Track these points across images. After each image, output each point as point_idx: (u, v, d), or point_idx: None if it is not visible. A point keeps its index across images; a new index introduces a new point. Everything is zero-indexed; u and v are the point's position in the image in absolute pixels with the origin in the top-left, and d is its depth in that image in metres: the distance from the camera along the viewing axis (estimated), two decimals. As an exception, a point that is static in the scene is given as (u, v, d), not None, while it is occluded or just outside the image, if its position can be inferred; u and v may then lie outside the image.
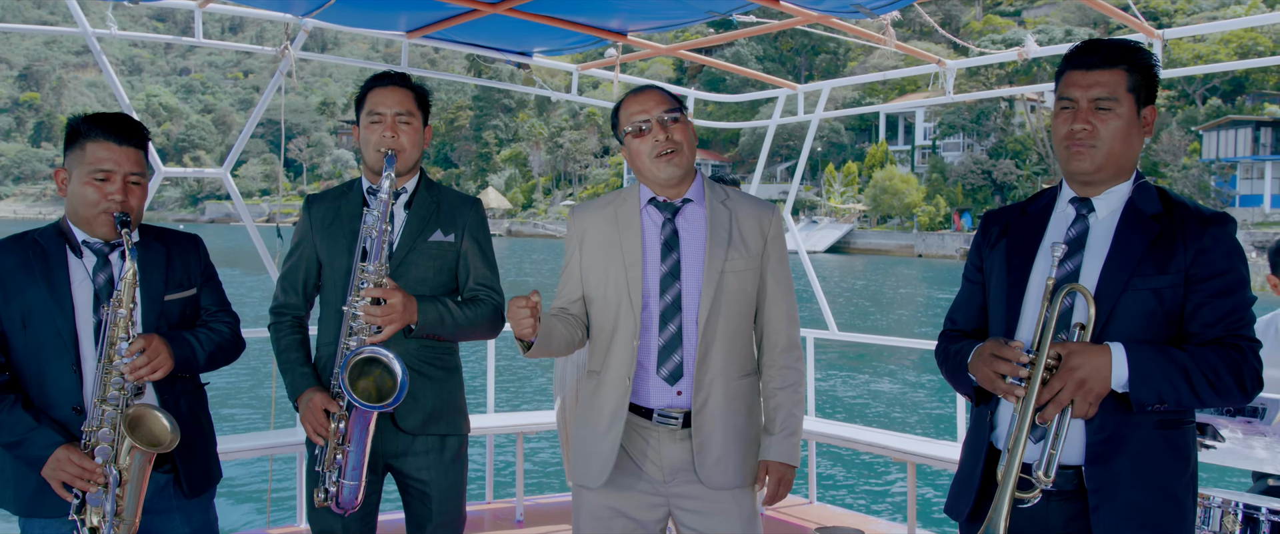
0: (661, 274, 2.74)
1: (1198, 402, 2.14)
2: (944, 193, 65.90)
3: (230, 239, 73.75)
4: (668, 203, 2.81)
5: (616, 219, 2.83)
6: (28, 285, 2.66)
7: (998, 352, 2.20)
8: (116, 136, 2.70)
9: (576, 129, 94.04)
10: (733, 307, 2.76)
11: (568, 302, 2.88)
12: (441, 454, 3.02)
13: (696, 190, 2.85)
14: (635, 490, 2.77)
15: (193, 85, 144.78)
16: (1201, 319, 2.18)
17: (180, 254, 2.89)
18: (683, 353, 2.72)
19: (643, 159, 2.77)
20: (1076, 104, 2.28)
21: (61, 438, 2.59)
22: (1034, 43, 4.67)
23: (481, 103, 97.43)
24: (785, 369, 2.83)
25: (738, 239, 2.78)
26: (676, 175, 2.77)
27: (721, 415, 2.74)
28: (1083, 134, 2.26)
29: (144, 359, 2.59)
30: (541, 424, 5.48)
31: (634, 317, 2.72)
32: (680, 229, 2.79)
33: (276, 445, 4.92)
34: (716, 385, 2.74)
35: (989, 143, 66.28)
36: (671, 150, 2.74)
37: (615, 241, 2.79)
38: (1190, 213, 2.24)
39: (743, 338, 2.81)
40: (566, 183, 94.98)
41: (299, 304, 3.09)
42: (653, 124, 2.75)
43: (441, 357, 3.04)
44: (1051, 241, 2.30)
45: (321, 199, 3.10)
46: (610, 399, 2.75)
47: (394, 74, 3.08)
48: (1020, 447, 2.13)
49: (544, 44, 5.40)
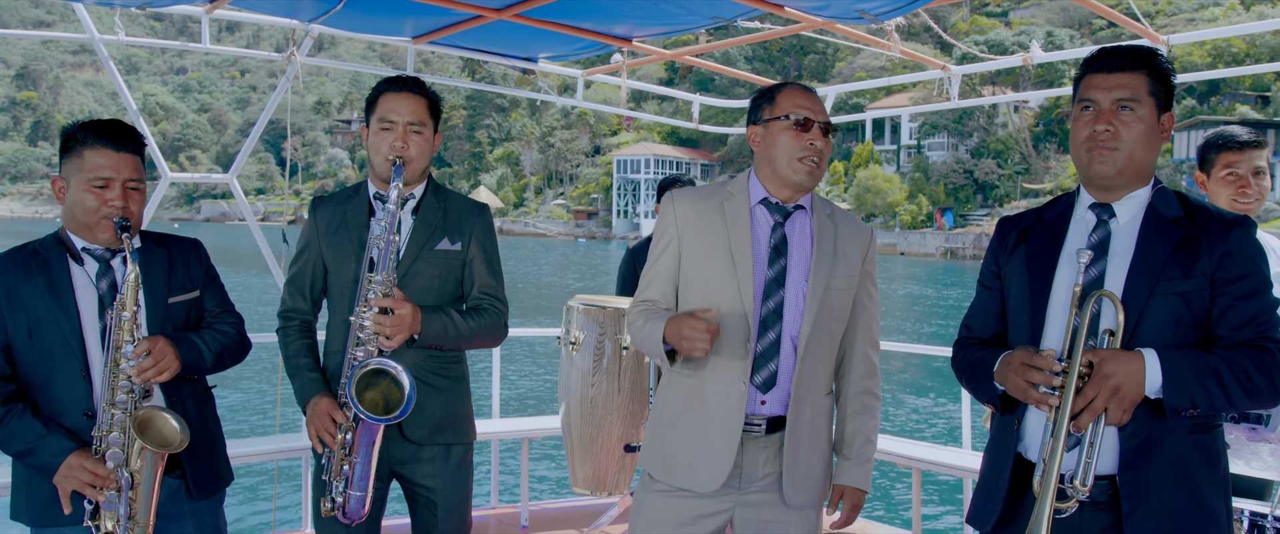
0: (768, 279, 2.59)
1: (1230, 405, 2.09)
2: (926, 192, 66.09)
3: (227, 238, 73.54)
4: (780, 206, 2.65)
5: (724, 212, 2.63)
6: (31, 295, 2.61)
7: (1029, 361, 2.13)
8: (114, 143, 2.63)
9: (568, 129, 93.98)
10: (833, 323, 2.64)
11: (661, 294, 2.70)
12: (447, 462, 2.96)
13: (807, 200, 2.69)
14: (705, 496, 2.62)
15: (190, 84, 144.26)
16: (1229, 322, 2.14)
17: (181, 257, 2.82)
18: (779, 363, 2.58)
19: (783, 153, 2.59)
20: (1098, 105, 2.22)
21: (72, 444, 2.54)
22: (1038, 48, 4.60)
23: (475, 102, 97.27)
24: (866, 394, 2.73)
25: (841, 255, 2.65)
26: (809, 185, 2.62)
27: (809, 432, 2.63)
28: (1105, 135, 2.20)
29: (150, 361, 2.53)
30: (547, 429, 5.40)
31: (746, 320, 2.55)
32: (788, 236, 2.64)
33: (282, 450, 4.84)
34: (808, 400, 2.62)
35: (972, 142, 66.46)
36: (817, 161, 2.60)
37: (722, 236, 2.61)
38: (1212, 216, 2.19)
39: (832, 356, 2.70)
40: (557, 182, 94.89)
41: (307, 309, 3.00)
42: (815, 127, 2.60)
43: (448, 366, 2.97)
44: (1074, 248, 2.25)
45: (327, 203, 3.01)
46: (721, 408, 2.58)
47: (407, 79, 2.97)
48: (1057, 457, 2.07)
49: (549, 49, 5.34)
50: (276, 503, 5.87)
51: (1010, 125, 65.19)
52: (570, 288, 35.82)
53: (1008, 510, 2.28)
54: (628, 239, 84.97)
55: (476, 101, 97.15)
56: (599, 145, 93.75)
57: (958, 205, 65.65)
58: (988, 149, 65.52)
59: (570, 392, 4.89)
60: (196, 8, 4.47)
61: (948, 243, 62.41)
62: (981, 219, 63.79)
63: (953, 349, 2.51)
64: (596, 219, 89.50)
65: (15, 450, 2.58)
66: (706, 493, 2.60)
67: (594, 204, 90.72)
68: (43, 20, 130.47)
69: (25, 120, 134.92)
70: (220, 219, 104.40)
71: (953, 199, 65.89)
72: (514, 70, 5.65)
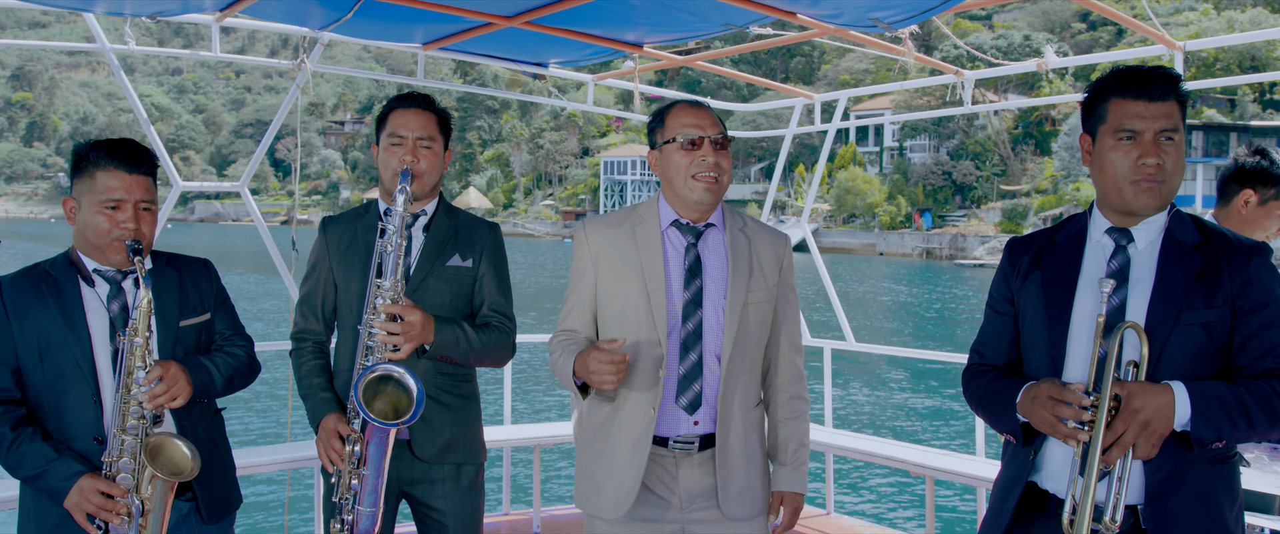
0: (685, 301, 2.56)
1: (1254, 436, 2.04)
2: (905, 193, 66.23)
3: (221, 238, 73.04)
4: (691, 226, 2.62)
5: (635, 238, 2.60)
6: (43, 318, 2.54)
7: (1057, 395, 2.04)
8: (127, 164, 2.56)
9: (557, 130, 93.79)
10: (754, 336, 2.62)
11: (580, 324, 2.67)
12: (458, 482, 2.88)
13: (718, 216, 2.66)
14: (651, 520, 2.59)
15: (185, 85, 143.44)
16: (1251, 351, 2.08)
17: (192, 279, 2.77)
18: (703, 383, 2.55)
19: (680, 174, 2.56)
20: (1141, 136, 2.12)
21: (82, 468, 2.47)
22: (1053, 53, 4.49)
23: (466, 104, 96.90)
24: (794, 399, 2.71)
25: (757, 269, 2.62)
26: (710, 201, 2.58)
27: (741, 447, 2.60)
28: (1154, 169, 2.11)
29: (162, 387, 2.46)
30: (559, 436, 5.29)
31: (660, 344, 2.52)
32: (702, 255, 2.60)
33: (294, 460, 4.70)
34: (737, 417, 2.60)
35: (952, 144, 66.60)
36: (715, 176, 2.56)
37: (635, 263, 2.58)
38: (1230, 243, 2.14)
39: (758, 368, 2.68)
40: (546, 183, 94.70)
41: (319, 329, 2.95)
42: (705, 143, 2.56)
43: (459, 384, 2.91)
44: (1093, 275, 2.18)
45: (337, 221, 2.96)
46: (630, 430, 2.56)
47: (417, 96, 2.91)
48: (1090, 494, 1.99)
49: (560, 55, 5.22)
50: (288, 514, 5.72)
51: (989, 128, 65.36)
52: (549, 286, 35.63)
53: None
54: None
55: (468, 102, 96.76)
56: (588, 147, 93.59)
57: (936, 206, 65.81)
58: (966, 151, 65.67)
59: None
60: (206, 16, 4.32)
61: (925, 243, 62.61)
62: (959, 220, 63.97)
63: (964, 375, 2.43)
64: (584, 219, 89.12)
65: (25, 474, 2.50)
66: (612, 518, 2.57)
67: (582, 204, 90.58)
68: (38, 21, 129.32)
69: (20, 121, 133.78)
70: (213, 219, 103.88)
71: (931, 200, 66.04)
72: (524, 74, 5.52)
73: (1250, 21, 55.14)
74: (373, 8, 4.19)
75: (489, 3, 4.27)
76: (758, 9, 4.16)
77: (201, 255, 2.88)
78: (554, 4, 4.17)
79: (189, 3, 4.11)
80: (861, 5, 4.10)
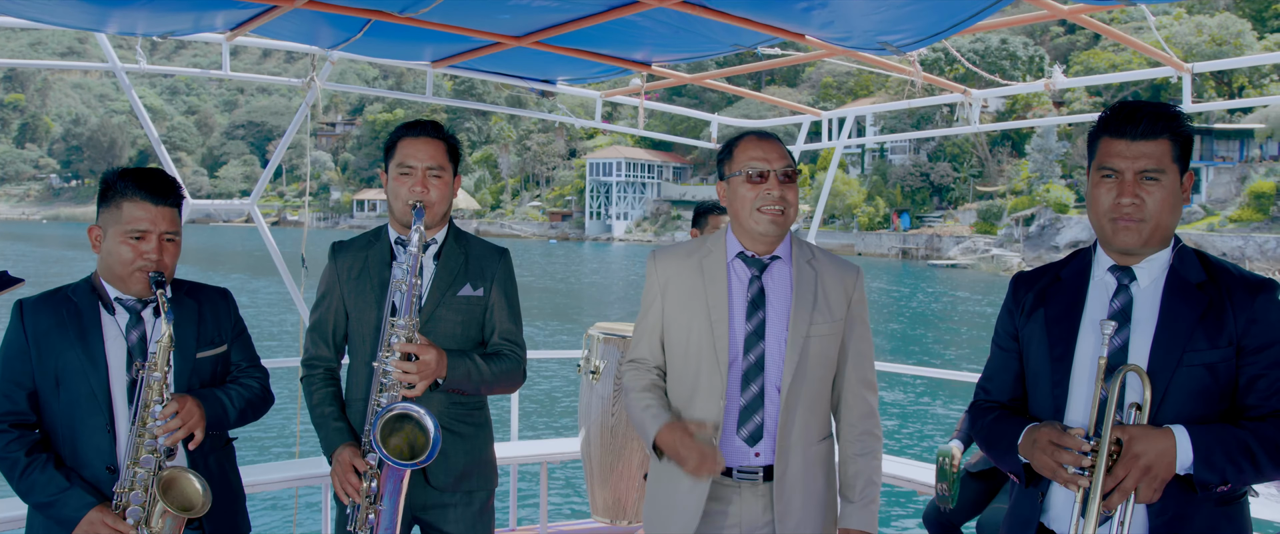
0: (747, 333, 2.52)
1: (1259, 478, 1.99)
2: (884, 194, 66.44)
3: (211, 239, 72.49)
4: (756, 258, 2.58)
5: (702, 270, 2.58)
6: (62, 345, 2.50)
7: (1058, 440, 2.01)
8: (153, 196, 2.54)
9: (544, 133, 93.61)
10: (816, 371, 2.55)
11: (649, 352, 2.65)
12: (469, 508, 2.85)
13: (784, 248, 2.61)
14: None
15: (177, 87, 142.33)
16: (1258, 391, 2.02)
17: (211, 310, 2.73)
18: (764, 415, 2.51)
19: (746, 206, 2.52)
20: (1121, 175, 2.08)
21: (94, 499, 2.43)
22: (1061, 74, 4.43)
23: (454, 108, 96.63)
24: (864, 435, 2.62)
25: (823, 302, 2.55)
26: (775, 234, 2.54)
27: (800, 480, 2.54)
28: (1130, 208, 2.07)
29: (177, 421, 2.43)
30: (566, 453, 5.20)
31: (721, 375, 2.50)
32: (767, 287, 2.56)
33: (303, 477, 4.60)
34: (796, 450, 2.53)
35: (930, 145, 66.81)
36: (781, 210, 2.52)
37: (700, 294, 2.55)
38: (1235, 280, 2.08)
39: (823, 402, 2.60)
40: (534, 184, 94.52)
41: (330, 356, 2.88)
42: (771, 177, 2.52)
43: (472, 413, 2.87)
44: (1096, 315, 2.13)
45: (347, 248, 2.89)
46: None
47: (426, 124, 2.84)
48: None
49: (568, 72, 5.13)
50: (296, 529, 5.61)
51: (967, 130, 65.61)
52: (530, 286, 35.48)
53: None
54: (602, 238, 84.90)
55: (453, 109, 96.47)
56: (575, 149, 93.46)
57: (914, 207, 66.06)
58: (945, 153, 65.89)
59: (590, 419, 4.70)
60: (217, 35, 4.21)
61: (903, 244, 62.94)
62: (935, 220, 64.25)
63: (970, 411, 2.41)
64: (570, 220, 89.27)
65: (36, 502, 2.47)
66: None
67: (568, 206, 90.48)
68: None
69: (13, 122, 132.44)
70: (204, 220, 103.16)
71: (909, 201, 66.28)
72: (531, 91, 5.42)
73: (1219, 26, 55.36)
74: (382, 28, 4.10)
75: (498, 23, 4.18)
76: (767, 31, 4.09)
77: (193, 257, 2.78)
78: (563, 25, 4.09)
79: (200, 22, 4.03)
80: (871, 29, 4.02)
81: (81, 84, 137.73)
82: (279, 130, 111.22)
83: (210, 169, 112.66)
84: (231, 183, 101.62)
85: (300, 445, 5.01)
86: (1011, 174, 62.49)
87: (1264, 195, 47.55)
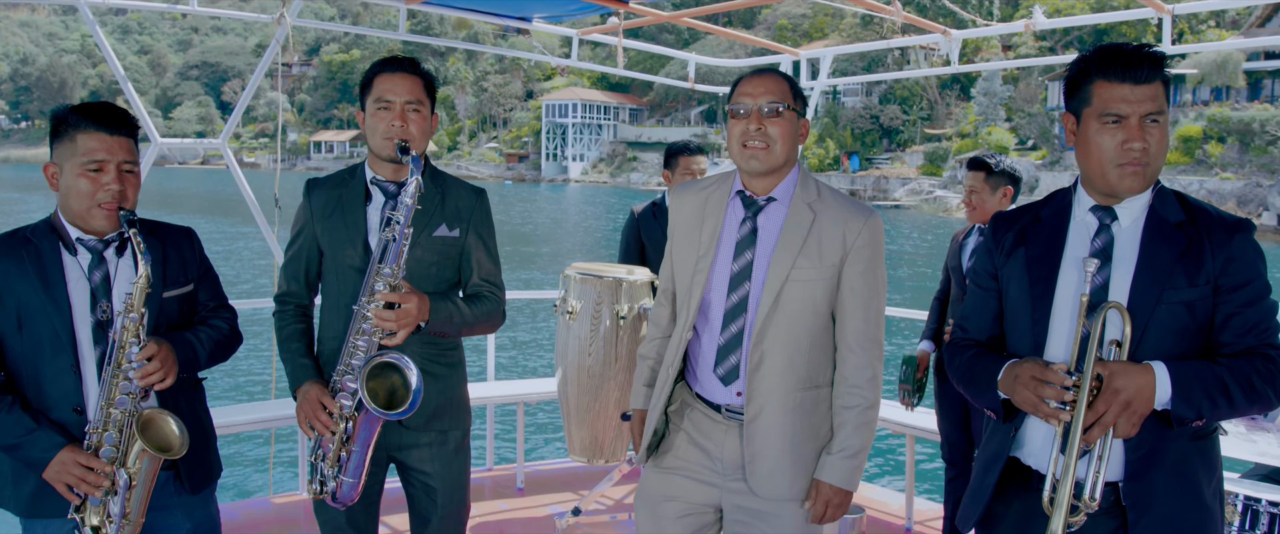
0: (733, 272, 2.45)
1: (1234, 413, 2.01)
2: (834, 136, 66.57)
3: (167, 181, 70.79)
4: (752, 199, 2.48)
5: (704, 206, 2.53)
6: (22, 285, 2.41)
7: (1040, 375, 1.99)
8: (107, 126, 2.43)
9: (501, 73, 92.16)
10: (795, 317, 2.41)
11: (665, 296, 2.67)
12: (444, 447, 2.82)
13: (784, 189, 2.48)
14: (698, 479, 2.52)
15: (129, 25, 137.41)
16: (1233, 329, 2.03)
17: (176, 250, 2.62)
18: (740, 355, 2.44)
19: (734, 143, 2.46)
20: (1127, 120, 2.02)
21: (63, 440, 2.37)
22: (1041, 14, 4.33)
23: (412, 48, 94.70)
24: (853, 388, 2.44)
25: (813, 245, 2.41)
26: (757, 169, 2.43)
27: (777, 428, 2.43)
28: (1140, 154, 2.02)
29: (155, 366, 2.36)
30: (542, 393, 5.10)
31: (689, 312, 2.48)
32: (760, 228, 2.46)
33: (278, 417, 4.47)
34: (773, 395, 2.42)
35: (882, 88, 66.87)
36: (760, 144, 2.41)
37: (696, 230, 2.52)
38: (1214, 220, 2.07)
39: (808, 349, 2.43)
40: (490, 126, 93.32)
41: (302, 292, 2.83)
42: (751, 111, 2.42)
43: (445, 353, 2.81)
44: (1077, 254, 2.12)
45: (322, 185, 2.81)
46: (663, 378, 2.57)
47: (403, 59, 2.74)
48: (1070, 473, 1.95)
49: (544, 10, 4.93)
50: (272, 469, 5.50)
51: (918, 73, 65.74)
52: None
53: (989, 513, 2.20)
54: (558, 180, 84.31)
55: (413, 46, 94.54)
56: (531, 90, 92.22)
57: (864, 149, 66.30)
58: (895, 95, 66.01)
59: (567, 359, 4.60)
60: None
61: (851, 185, 63.28)
62: (884, 162, 64.58)
63: (946, 349, 2.35)
64: (527, 162, 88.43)
65: (3, 444, 2.39)
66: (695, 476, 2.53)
67: (525, 147, 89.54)
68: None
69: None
70: (160, 163, 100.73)
71: (859, 143, 66.48)
72: (507, 30, 5.20)
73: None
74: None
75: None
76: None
77: (151, 199, 2.62)
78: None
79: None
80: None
81: (29, 22, 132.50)
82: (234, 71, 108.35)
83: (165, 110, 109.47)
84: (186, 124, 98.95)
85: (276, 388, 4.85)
86: (960, 117, 62.87)
87: (1191, 139, 48.31)
